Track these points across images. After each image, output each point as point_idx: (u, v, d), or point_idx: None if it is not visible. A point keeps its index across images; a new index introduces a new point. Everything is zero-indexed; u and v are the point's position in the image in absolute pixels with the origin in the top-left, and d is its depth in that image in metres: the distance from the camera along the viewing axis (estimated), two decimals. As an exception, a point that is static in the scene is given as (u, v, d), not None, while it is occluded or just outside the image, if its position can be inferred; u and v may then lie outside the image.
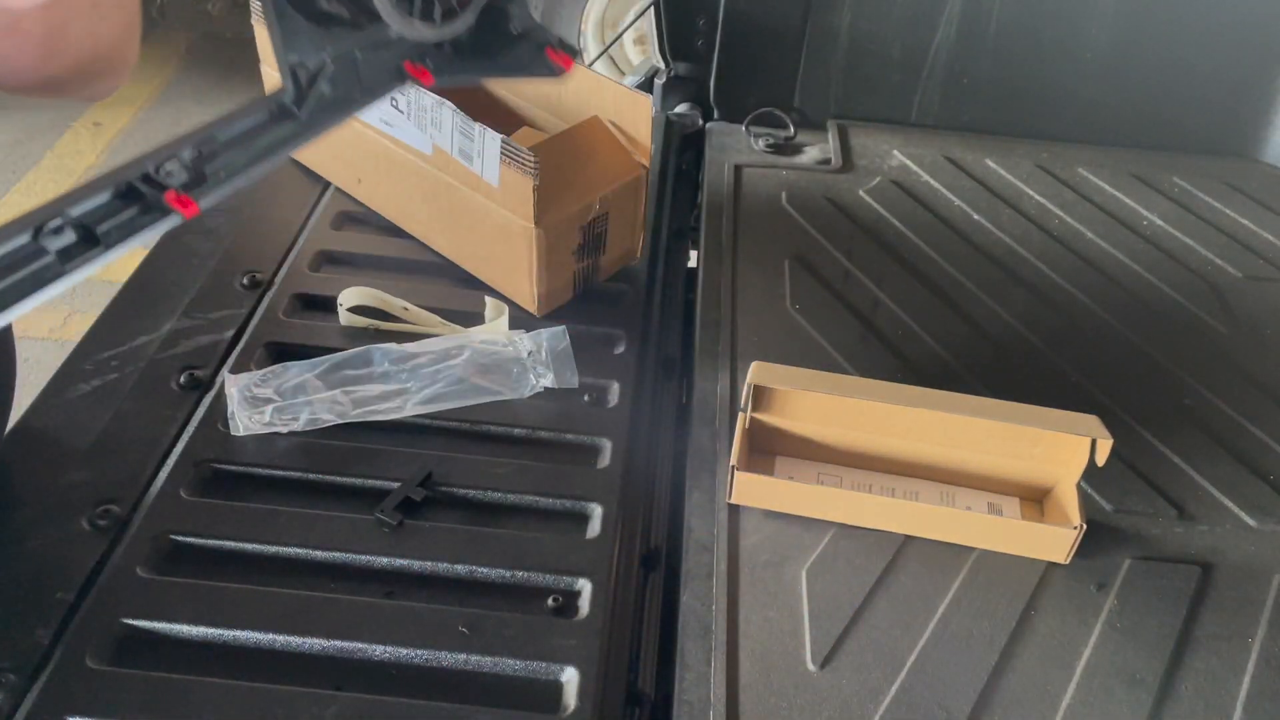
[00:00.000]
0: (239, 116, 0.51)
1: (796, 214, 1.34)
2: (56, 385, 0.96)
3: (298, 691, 0.73)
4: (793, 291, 1.19)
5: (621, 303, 1.15)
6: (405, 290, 1.09)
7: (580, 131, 1.09)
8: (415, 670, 0.77)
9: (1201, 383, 1.11)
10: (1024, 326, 1.18)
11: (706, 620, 0.82)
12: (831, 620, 0.83)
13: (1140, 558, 0.90)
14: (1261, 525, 0.95)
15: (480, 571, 0.84)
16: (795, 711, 0.76)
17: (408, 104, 1.06)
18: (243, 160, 0.51)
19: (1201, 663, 0.82)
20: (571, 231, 1.06)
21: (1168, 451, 1.02)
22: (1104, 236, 1.35)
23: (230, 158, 0.50)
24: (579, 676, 0.76)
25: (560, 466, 0.94)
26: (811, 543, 0.89)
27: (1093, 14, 1.49)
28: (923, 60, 1.53)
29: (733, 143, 1.50)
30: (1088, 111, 1.56)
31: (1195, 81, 1.53)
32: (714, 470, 0.96)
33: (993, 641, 0.82)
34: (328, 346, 1.01)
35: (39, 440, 0.91)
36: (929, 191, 1.42)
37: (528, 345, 1.01)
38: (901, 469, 0.95)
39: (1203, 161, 1.53)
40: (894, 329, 1.15)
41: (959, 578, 0.87)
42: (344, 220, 1.23)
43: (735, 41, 1.51)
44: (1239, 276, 1.30)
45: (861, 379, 0.98)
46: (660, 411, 1.07)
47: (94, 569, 0.80)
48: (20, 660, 0.73)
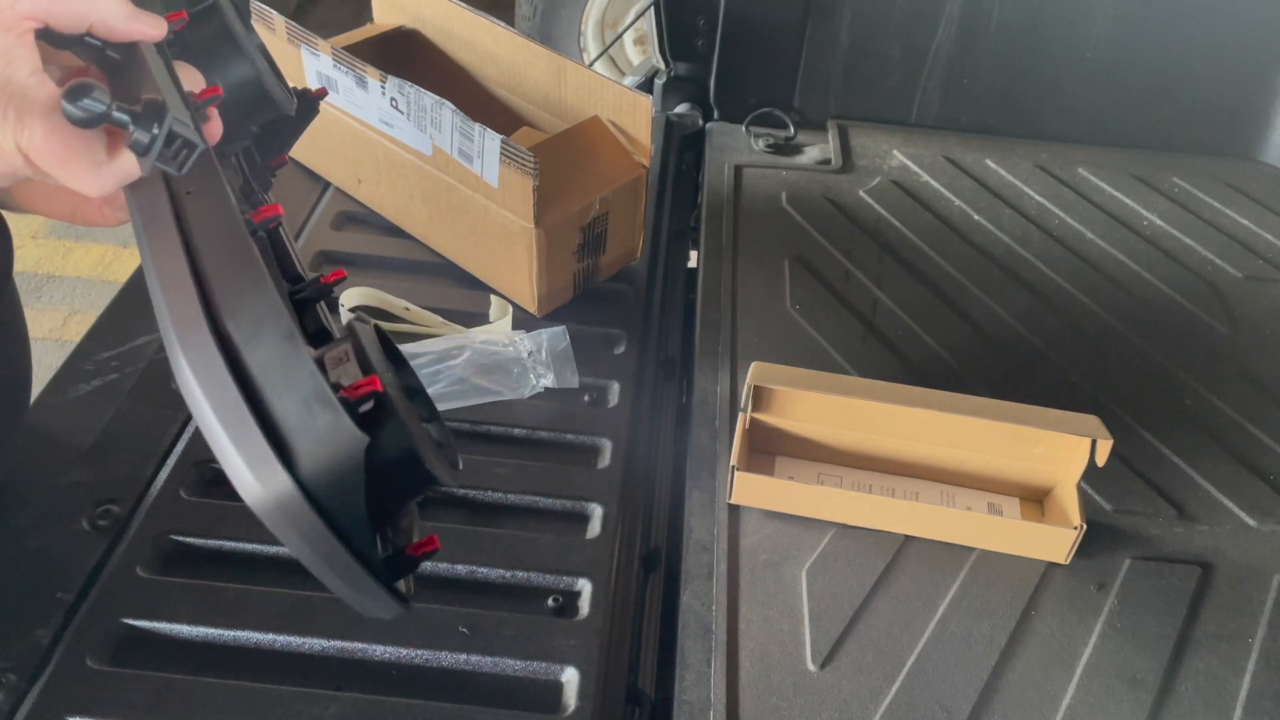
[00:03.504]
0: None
1: (796, 214, 1.34)
2: (57, 385, 0.96)
3: (298, 691, 0.73)
4: (793, 291, 1.19)
5: (621, 303, 1.15)
6: (406, 290, 1.09)
7: (580, 131, 1.09)
8: (415, 670, 0.77)
9: (1201, 383, 1.11)
10: (1024, 326, 1.18)
11: (706, 620, 0.82)
12: (831, 620, 0.83)
13: (1140, 558, 0.90)
14: (1261, 525, 0.95)
15: (480, 571, 0.84)
16: (795, 711, 0.76)
17: (408, 104, 1.07)
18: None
19: (1201, 663, 0.82)
20: (571, 231, 1.06)
21: (1168, 451, 1.02)
22: (1104, 237, 1.35)
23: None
24: (579, 676, 0.76)
25: (560, 466, 0.94)
26: (811, 543, 0.89)
27: (1093, 14, 1.49)
28: (923, 60, 1.53)
29: (733, 143, 1.50)
30: (1088, 111, 1.56)
31: (1195, 81, 1.53)
32: (714, 470, 0.96)
33: (993, 641, 0.82)
34: (328, 346, 1.01)
35: (39, 440, 0.91)
36: (929, 192, 1.42)
37: (528, 345, 1.01)
38: (901, 469, 0.95)
39: (1203, 161, 1.53)
40: (894, 329, 1.15)
41: (959, 578, 0.87)
42: (344, 220, 1.23)
43: (735, 41, 1.51)
44: (1239, 276, 1.30)
45: (861, 379, 0.98)
46: (660, 411, 1.07)
47: (94, 569, 0.80)
48: (20, 660, 0.73)
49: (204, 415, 0.41)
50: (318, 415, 0.40)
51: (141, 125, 0.46)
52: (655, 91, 1.61)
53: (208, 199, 0.49)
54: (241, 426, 0.40)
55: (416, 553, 0.47)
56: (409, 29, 1.29)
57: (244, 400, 0.40)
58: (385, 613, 0.45)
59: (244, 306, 0.43)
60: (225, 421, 0.40)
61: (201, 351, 0.42)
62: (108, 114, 0.45)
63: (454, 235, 1.14)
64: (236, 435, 0.40)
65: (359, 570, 0.42)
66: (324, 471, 0.40)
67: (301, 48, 1.15)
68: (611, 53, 2.90)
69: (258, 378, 0.41)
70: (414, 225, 1.19)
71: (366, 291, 1.07)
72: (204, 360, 0.41)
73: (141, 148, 0.46)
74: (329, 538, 0.40)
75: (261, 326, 0.42)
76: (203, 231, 0.47)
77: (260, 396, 0.40)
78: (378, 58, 1.16)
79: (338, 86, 1.14)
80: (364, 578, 0.42)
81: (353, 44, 1.22)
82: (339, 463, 0.40)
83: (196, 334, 0.42)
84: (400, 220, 1.21)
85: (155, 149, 0.46)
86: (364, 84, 1.10)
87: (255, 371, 0.41)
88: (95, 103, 0.45)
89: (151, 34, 0.53)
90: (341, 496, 0.40)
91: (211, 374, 0.41)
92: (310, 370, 0.41)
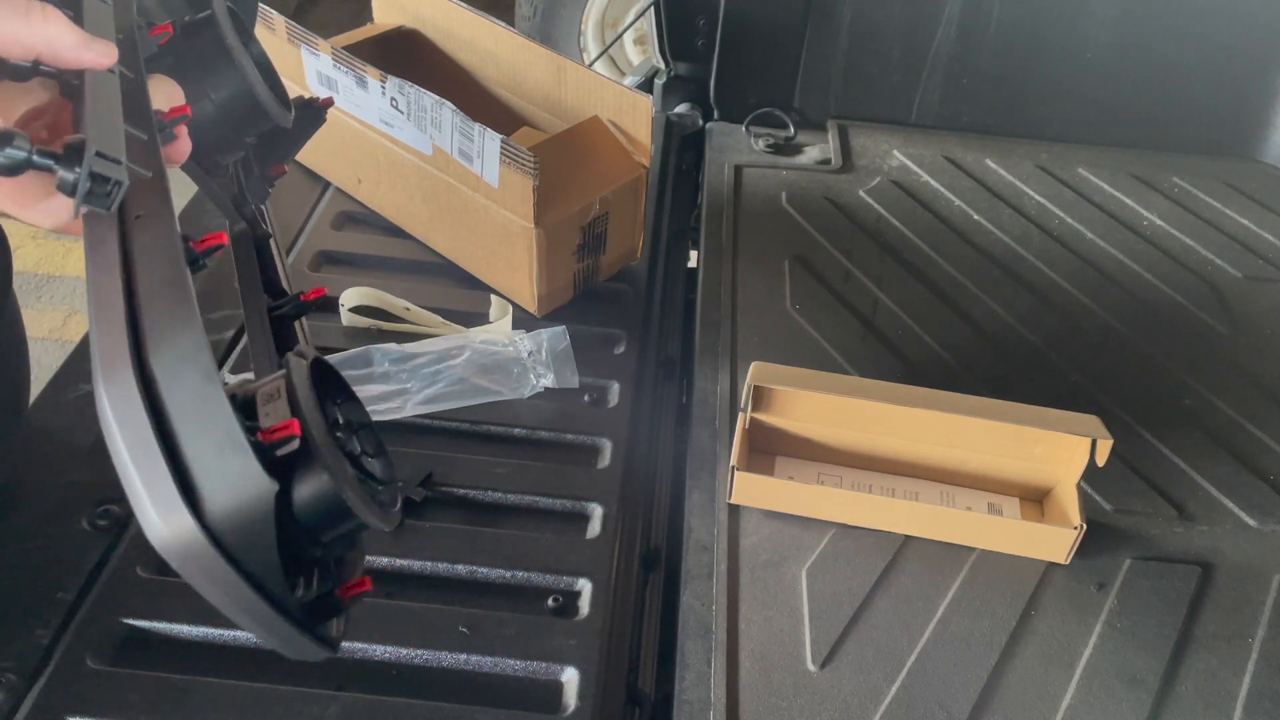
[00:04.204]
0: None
1: (796, 214, 1.34)
2: (57, 385, 0.96)
3: (298, 691, 0.73)
4: (793, 291, 1.19)
5: (621, 303, 1.15)
6: (406, 290, 1.09)
7: (580, 131, 1.09)
8: (415, 670, 0.77)
9: (1201, 383, 1.11)
10: (1024, 326, 1.18)
11: (706, 620, 0.82)
12: (831, 620, 0.83)
13: (1140, 558, 0.90)
14: (1261, 525, 0.95)
15: (480, 571, 0.84)
16: (795, 711, 0.76)
17: (408, 104, 1.07)
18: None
19: (1201, 663, 0.82)
20: (571, 231, 1.06)
21: (1168, 451, 1.02)
22: (1104, 237, 1.35)
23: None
24: (579, 676, 0.76)
25: (560, 466, 0.94)
26: (811, 543, 0.89)
27: (1093, 14, 1.49)
28: (923, 60, 1.53)
29: (733, 143, 1.50)
30: (1088, 111, 1.56)
31: (1195, 81, 1.53)
32: (714, 470, 0.96)
33: (993, 641, 0.82)
34: (329, 347, 1.01)
35: (39, 440, 0.91)
36: (929, 192, 1.42)
37: (528, 345, 1.01)
38: (901, 469, 0.95)
39: (1203, 161, 1.53)
40: (894, 329, 1.15)
41: (959, 578, 0.87)
42: (344, 220, 1.23)
43: (735, 41, 1.51)
44: (1239, 276, 1.30)
45: (861, 379, 0.98)
46: (660, 411, 1.07)
47: (94, 569, 0.80)
48: (20, 660, 0.73)
49: (118, 453, 0.40)
50: (228, 459, 0.39)
51: (65, 167, 0.45)
52: (655, 91, 1.61)
53: (154, 227, 0.48)
54: (151, 467, 0.39)
55: (345, 594, 0.46)
56: (409, 29, 1.29)
57: (157, 440, 0.39)
58: (310, 656, 0.44)
59: (168, 344, 0.42)
60: (136, 462, 0.39)
61: (121, 389, 0.41)
62: (29, 160, 0.45)
63: (454, 235, 1.14)
64: (145, 476, 0.39)
65: (272, 615, 0.41)
66: (232, 517, 0.39)
67: (301, 48, 1.15)
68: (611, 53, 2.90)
69: (174, 418, 0.40)
70: (414, 225, 1.19)
71: (366, 291, 1.07)
72: (123, 398, 0.41)
73: (68, 188, 0.45)
74: (238, 583, 0.40)
75: (183, 365, 0.42)
76: (144, 260, 0.47)
77: (174, 438, 0.40)
78: (378, 58, 1.16)
79: (338, 86, 1.14)
80: (278, 623, 0.41)
81: (353, 44, 1.22)
82: (248, 509, 0.39)
83: (119, 370, 0.42)
84: (400, 220, 1.21)
85: (81, 188, 0.46)
86: (364, 84, 1.10)
87: (172, 411, 0.40)
88: (16, 150, 0.45)
89: (101, 62, 0.52)
90: (251, 542, 0.40)
91: (128, 412, 0.40)
92: (225, 412, 0.40)
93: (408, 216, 1.19)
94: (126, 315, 0.43)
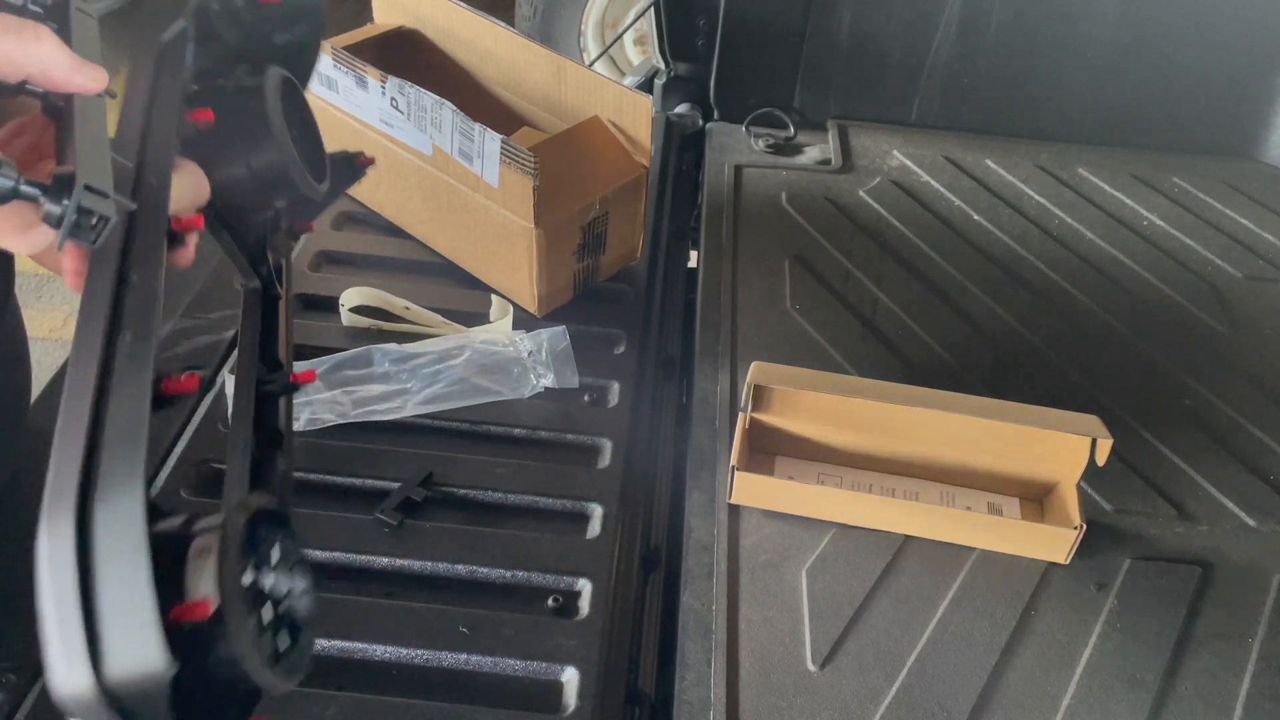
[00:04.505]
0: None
1: (796, 214, 1.34)
2: (57, 385, 0.96)
3: (298, 691, 0.72)
4: (793, 291, 1.19)
5: (621, 303, 1.15)
6: (406, 290, 1.09)
7: (580, 131, 1.09)
8: (415, 670, 0.77)
9: (1201, 383, 1.11)
10: (1024, 326, 1.18)
11: (706, 620, 0.82)
12: (831, 620, 0.83)
13: (1140, 558, 0.90)
14: (1261, 525, 0.95)
15: (480, 572, 0.84)
16: (795, 711, 0.76)
17: (408, 104, 1.07)
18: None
19: (1201, 663, 0.82)
20: (571, 231, 1.06)
21: (1168, 451, 1.02)
22: (1104, 237, 1.35)
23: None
24: (579, 676, 0.76)
25: (560, 466, 0.94)
26: (811, 543, 0.89)
27: (1093, 14, 1.49)
28: (923, 60, 1.53)
29: (733, 143, 1.50)
30: (1088, 111, 1.56)
31: (1195, 81, 1.53)
32: (714, 470, 0.96)
33: (993, 641, 0.82)
34: (329, 347, 1.01)
35: (39, 440, 0.91)
36: (929, 192, 1.42)
37: (528, 345, 1.01)
38: (901, 469, 0.95)
39: (1203, 161, 1.53)
40: (894, 329, 1.15)
41: (959, 578, 0.87)
42: (344, 220, 1.23)
43: (735, 41, 1.51)
44: (1239, 276, 1.30)
45: (861, 379, 0.98)
46: (660, 411, 1.07)
47: (94, 569, 0.80)
48: (20, 660, 0.73)
49: (41, 596, 0.43)
50: (136, 634, 0.41)
51: (51, 198, 0.45)
52: (655, 91, 1.61)
53: (138, 355, 0.49)
54: (65, 620, 0.42)
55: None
56: (409, 29, 1.29)
57: (78, 594, 0.42)
58: None
59: (112, 497, 0.44)
60: (54, 611, 0.42)
61: (58, 535, 0.44)
62: (15, 189, 0.45)
63: (454, 235, 1.14)
64: (59, 628, 0.42)
65: None
66: (129, 684, 0.41)
67: (301, 48, 1.15)
68: (611, 53, 2.90)
69: (98, 572, 0.43)
70: (414, 225, 1.19)
71: (367, 291, 1.07)
72: (57, 547, 0.43)
73: (54, 220, 0.45)
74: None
75: (120, 525, 0.43)
76: (117, 389, 0.48)
77: (94, 594, 0.42)
78: (378, 58, 1.16)
79: (338, 86, 1.14)
80: None
81: (353, 44, 1.22)
82: (147, 681, 0.41)
83: (61, 513, 0.45)
84: (400, 220, 1.21)
85: (67, 223, 0.45)
86: (364, 84, 1.10)
87: (99, 564, 0.43)
88: (3, 179, 0.44)
89: (91, 87, 0.51)
90: (146, 706, 0.41)
91: (58, 559, 0.43)
92: (144, 586, 0.42)
93: (408, 216, 1.19)
94: (85, 448, 0.46)
